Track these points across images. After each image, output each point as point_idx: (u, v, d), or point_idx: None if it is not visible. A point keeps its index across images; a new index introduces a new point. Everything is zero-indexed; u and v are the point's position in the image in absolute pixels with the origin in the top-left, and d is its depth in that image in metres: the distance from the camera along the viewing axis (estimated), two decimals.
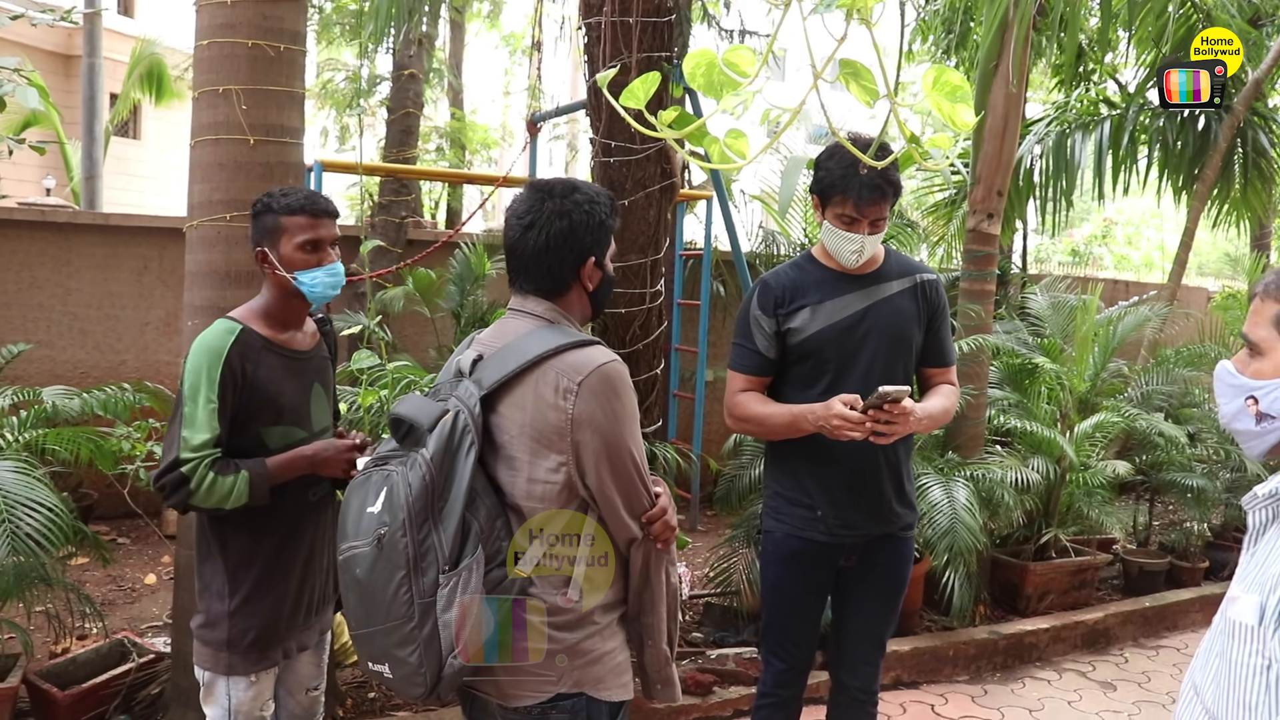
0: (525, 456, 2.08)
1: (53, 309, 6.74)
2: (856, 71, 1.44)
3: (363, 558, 2.05)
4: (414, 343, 7.40)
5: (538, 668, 2.10)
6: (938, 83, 1.49)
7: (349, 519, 2.11)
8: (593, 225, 2.18)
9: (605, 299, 2.33)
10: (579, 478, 2.08)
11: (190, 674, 3.72)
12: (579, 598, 2.11)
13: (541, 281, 2.19)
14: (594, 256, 2.21)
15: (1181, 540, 6.63)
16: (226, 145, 3.58)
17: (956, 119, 1.48)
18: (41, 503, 3.57)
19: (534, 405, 2.07)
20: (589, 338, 2.16)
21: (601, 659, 2.16)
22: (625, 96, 1.53)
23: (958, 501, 4.96)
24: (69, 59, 17.02)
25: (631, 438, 2.13)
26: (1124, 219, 23.22)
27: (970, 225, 5.69)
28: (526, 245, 2.17)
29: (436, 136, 13.46)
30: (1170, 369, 6.94)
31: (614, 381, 2.10)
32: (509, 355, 2.11)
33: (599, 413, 2.06)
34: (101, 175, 10.31)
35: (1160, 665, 5.48)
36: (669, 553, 2.25)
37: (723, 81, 1.52)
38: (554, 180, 2.24)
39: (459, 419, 2.06)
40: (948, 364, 3.24)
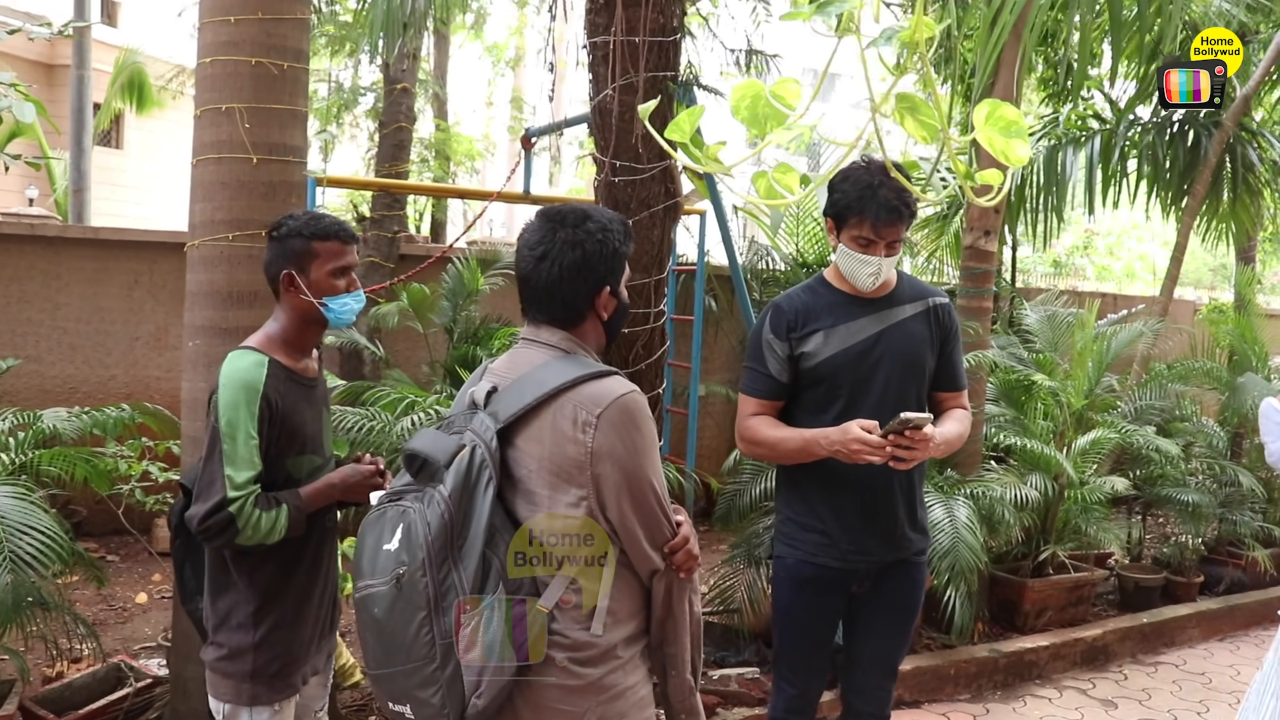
0: (545, 491, 2.05)
1: (42, 324, 6.67)
2: (914, 106, 1.42)
3: (381, 597, 2.01)
4: (406, 358, 7.36)
5: (562, 704, 2.06)
6: (990, 117, 1.47)
7: (364, 556, 2.07)
8: (607, 254, 2.15)
9: (620, 326, 2.29)
10: (599, 511, 2.05)
11: (190, 699, 3.70)
12: (602, 631, 2.07)
13: (556, 312, 2.16)
14: (609, 285, 2.17)
15: (1176, 555, 6.64)
16: (229, 164, 3.53)
17: (1011, 154, 1.46)
18: (37, 526, 3.51)
19: (552, 439, 2.03)
20: (607, 368, 2.12)
21: (624, 694, 2.12)
22: (671, 130, 1.51)
23: (959, 520, 4.95)
24: (51, 68, 16.91)
25: (652, 468, 2.10)
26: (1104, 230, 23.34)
27: (967, 242, 5.69)
28: (540, 276, 2.13)
29: (421, 148, 13.40)
30: (1163, 384, 6.96)
31: (633, 413, 2.06)
32: (525, 387, 2.08)
33: (619, 445, 2.03)
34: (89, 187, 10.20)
35: (1160, 682, 5.48)
36: (691, 582, 2.22)
37: (769, 114, 1.50)
38: (565, 208, 2.19)
39: (476, 454, 2.02)
40: (960, 388, 3.22)
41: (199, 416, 3.58)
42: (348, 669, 4.34)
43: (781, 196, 1.49)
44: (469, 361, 6.11)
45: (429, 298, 6.63)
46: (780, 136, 1.42)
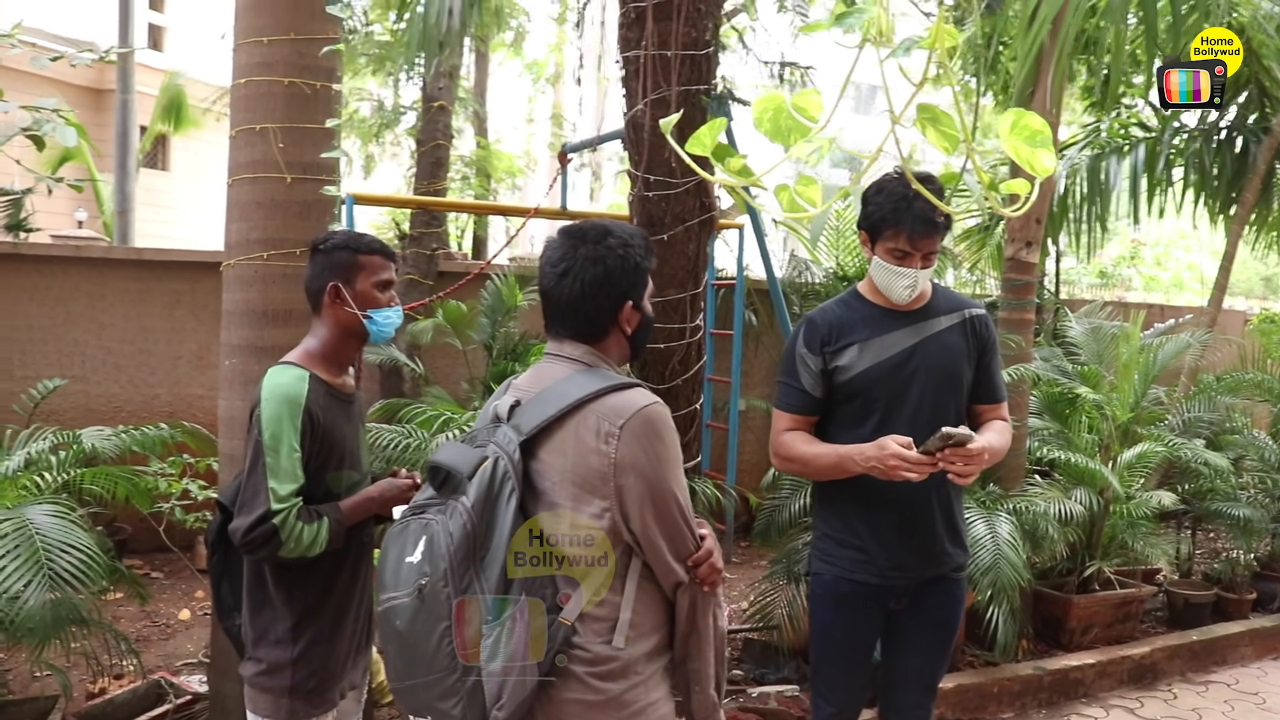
0: (568, 503, 2.04)
1: (87, 344, 6.76)
2: (935, 117, 1.39)
3: (403, 609, 2.01)
4: (445, 375, 7.37)
5: (583, 719, 2.05)
6: (1016, 127, 1.44)
7: (387, 569, 2.07)
8: (628, 269, 2.16)
9: (645, 340, 2.30)
10: (623, 522, 2.05)
11: (228, 716, 3.71)
12: (624, 644, 2.07)
13: (579, 327, 2.18)
14: (631, 300, 2.19)
15: (1228, 571, 6.50)
16: (264, 184, 3.57)
17: (1037, 164, 1.43)
18: (77, 544, 3.54)
19: (575, 450, 2.04)
20: (630, 380, 2.13)
21: (645, 710, 2.10)
22: (692, 143, 1.49)
23: (1001, 536, 4.87)
24: (100, 93, 17.18)
25: (675, 481, 2.10)
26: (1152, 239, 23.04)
27: (1008, 254, 5.62)
28: (562, 293, 2.15)
29: (462, 165, 13.49)
30: (1212, 396, 6.83)
31: (656, 424, 2.06)
32: (548, 400, 2.08)
33: (642, 456, 2.03)
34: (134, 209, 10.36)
35: (1210, 702, 5.35)
36: (715, 596, 2.20)
37: (791, 126, 1.48)
38: (586, 224, 2.21)
39: (499, 465, 2.03)
40: (999, 400, 3.17)
41: (236, 435, 3.61)
42: (385, 686, 4.33)
43: (804, 209, 1.47)
44: (508, 378, 6.11)
45: (466, 315, 6.64)
46: (800, 150, 1.40)
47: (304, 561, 2.58)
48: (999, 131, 1.46)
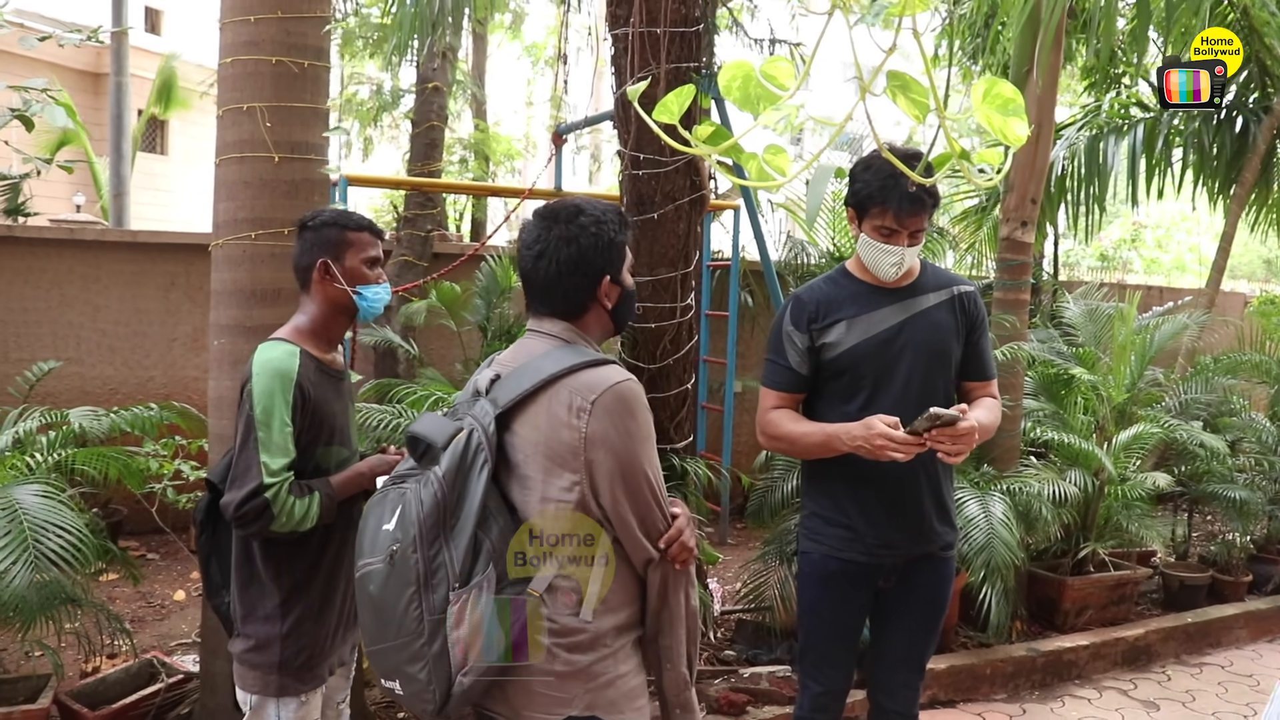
0: (539, 475, 2.07)
1: (82, 326, 6.76)
2: (905, 84, 1.38)
3: (376, 574, 2.06)
4: (440, 356, 7.37)
5: (549, 689, 2.08)
6: (988, 95, 1.42)
7: (366, 536, 2.12)
8: (602, 245, 2.17)
9: (628, 313, 2.31)
10: (592, 497, 2.07)
11: (218, 694, 3.72)
12: (591, 618, 2.09)
13: (557, 305, 2.20)
14: (608, 275, 2.20)
15: (1223, 553, 6.49)
16: (251, 163, 3.54)
17: (1009, 133, 1.41)
18: (65, 525, 3.54)
19: (548, 424, 2.07)
20: (604, 356, 2.15)
21: (614, 682, 2.13)
22: (659, 111, 1.47)
23: (994, 516, 4.86)
24: (98, 77, 17.14)
25: (646, 458, 2.11)
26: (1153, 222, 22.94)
27: (1003, 233, 5.60)
28: (539, 274, 2.18)
29: (460, 148, 13.44)
30: (1209, 377, 6.81)
31: (628, 400, 2.09)
32: (524, 375, 2.11)
33: (612, 432, 2.05)
34: (129, 192, 10.35)
35: (1204, 684, 5.35)
36: (688, 574, 2.22)
37: (760, 95, 1.46)
38: (559, 205, 2.23)
39: (472, 437, 2.06)
40: (988, 377, 3.15)
41: (225, 415, 3.61)
42: None
43: (773, 179, 1.45)
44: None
45: (460, 296, 6.63)
46: (768, 117, 1.38)
47: (293, 537, 2.58)
48: (974, 101, 1.45)
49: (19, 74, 5.48)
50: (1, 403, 5.42)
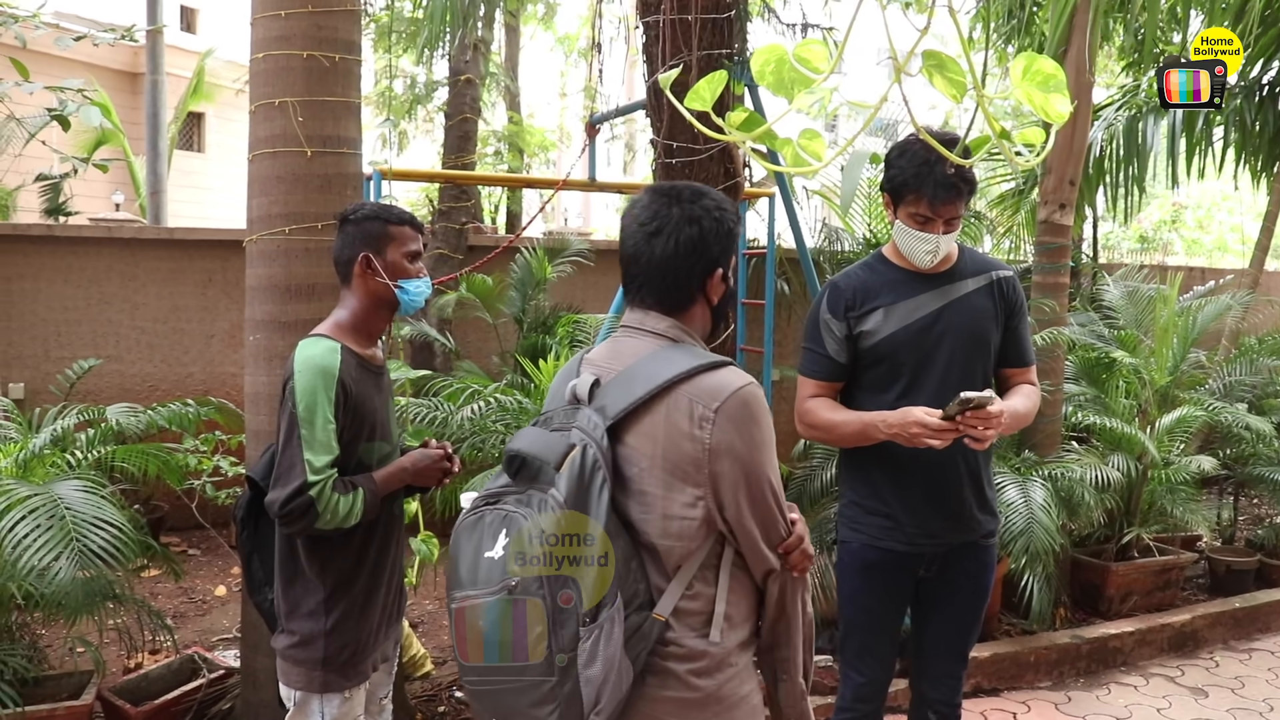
0: (659, 491, 1.91)
1: (121, 324, 6.83)
2: (941, 64, 1.34)
3: (488, 609, 1.87)
4: (477, 349, 7.39)
5: (677, 718, 1.94)
6: (1028, 72, 1.39)
7: (462, 565, 1.92)
8: (722, 233, 2.03)
9: (726, 313, 2.15)
10: (717, 511, 1.92)
11: (260, 690, 3.74)
12: (720, 638, 1.95)
13: (666, 294, 2.02)
14: (721, 268, 2.05)
15: (1271, 537, 6.38)
16: (284, 158, 3.54)
17: (1050, 110, 1.38)
18: (108, 520, 3.57)
19: (666, 435, 1.90)
20: (721, 358, 1.98)
21: (740, 703, 1.99)
22: (690, 98, 1.45)
23: (1034, 502, 4.81)
24: (135, 76, 17.28)
25: (770, 465, 1.96)
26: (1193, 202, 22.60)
27: (1042, 216, 5.53)
28: (653, 254, 2.00)
29: (494, 140, 13.46)
30: (1254, 359, 6.69)
31: (753, 407, 1.93)
32: (634, 381, 1.94)
33: (738, 441, 1.90)
34: (166, 190, 10.44)
35: (1254, 670, 5.27)
36: (804, 582, 2.08)
37: (794, 79, 1.43)
38: (680, 184, 2.07)
39: (588, 454, 1.87)
40: (1027, 363, 3.11)
41: (262, 410, 3.62)
42: (418, 659, 4.35)
43: (807, 164, 1.42)
44: (538, 351, 6.10)
45: (494, 288, 6.64)
46: (802, 101, 1.36)
47: (337, 533, 2.58)
48: (1013, 79, 1.41)
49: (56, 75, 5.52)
50: (43, 401, 5.49)
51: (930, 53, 1.35)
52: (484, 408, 4.37)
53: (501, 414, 4.30)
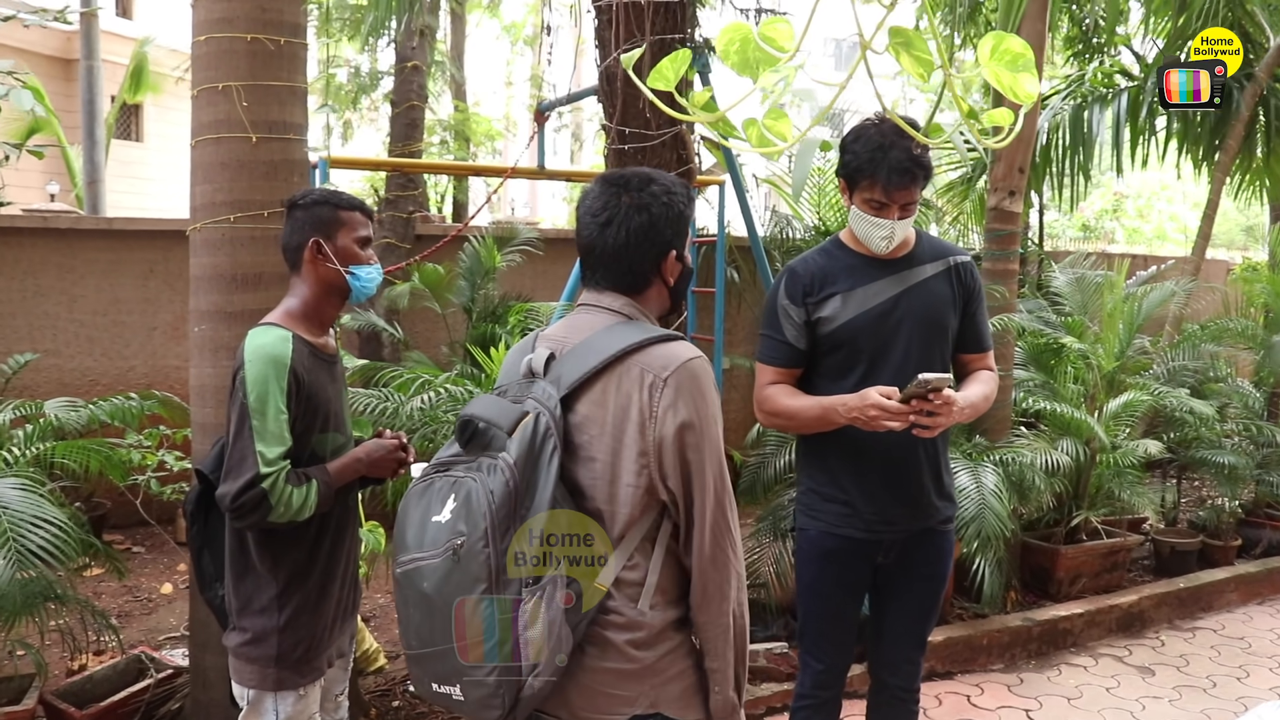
0: (607, 458, 1.97)
1: (58, 317, 6.65)
2: (909, 41, 1.32)
3: (431, 570, 1.91)
4: (426, 339, 7.30)
5: (614, 689, 1.98)
6: (996, 51, 1.37)
7: (409, 530, 1.97)
8: (672, 217, 2.08)
9: (684, 291, 2.21)
10: (660, 479, 1.96)
11: (210, 689, 3.66)
12: (648, 610, 1.98)
13: (621, 279, 2.09)
14: (675, 249, 2.10)
15: (1213, 518, 6.50)
16: (228, 144, 3.46)
17: (1019, 90, 1.36)
18: (47, 518, 3.47)
19: (617, 402, 1.96)
20: (671, 333, 2.04)
21: (679, 676, 2.04)
22: (654, 78, 1.42)
23: (985, 487, 4.85)
24: (68, 63, 16.87)
25: (718, 435, 2.02)
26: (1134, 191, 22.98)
27: (991, 204, 5.57)
28: (605, 243, 2.06)
29: (440, 129, 13.33)
30: (1196, 344, 6.80)
31: (701, 379, 1.99)
32: (587, 353, 2.00)
33: (685, 409, 1.95)
34: (104, 179, 10.20)
35: (1198, 648, 5.36)
36: (740, 578, 2.07)
37: (759, 58, 1.40)
38: (628, 172, 2.12)
39: (540, 421, 1.94)
40: (985, 349, 3.11)
41: (208, 403, 3.54)
42: (371, 654, 4.29)
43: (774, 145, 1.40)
44: (488, 340, 6.04)
45: (444, 278, 6.57)
46: (767, 80, 1.33)
47: (290, 527, 2.53)
48: (979, 58, 1.39)
49: None
50: None
51: (897, 29, 1.33)
52: (435, 398, 4.31)
53: (453, 404, 4.24)
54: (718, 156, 6.48)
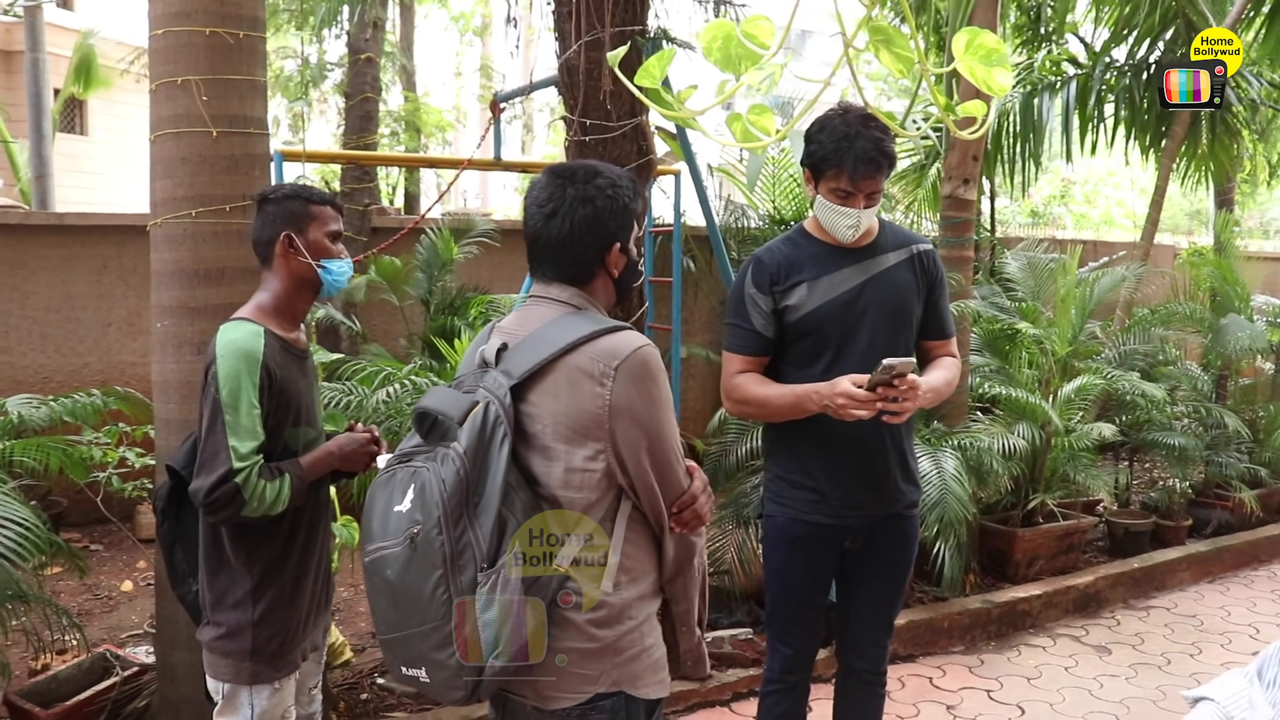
0: (561, 446, 2.01)
1: (10, 313, 6.55)
2: (889, 38, 1.35)
3: (394, 558, 1.97)
4: (384, 332, 7.27)
5: (576, 668, 2.04)
6: (970, 46, 1.41)
7: (374, 519, 2.03)
8: (617, 210, 2.12)
9: (630, 284, 2.26)
10: (617, 465, 2.02)
11: (178, 685, 3.64)
12: (612, 589, 2.04)
13: (566, 270, 2.13)
14: (619, 242, 2.14)
15: (1165, 499, 6.64)
16: (188, 138, 3.42)
17: (993, 83, 1.40)
18: (11, 518, 3.43)
19: (568, 393, 2.00)
20: (620, 323, 2.09)
21: (640, 656, 2.09)
22: (641, 75, 1.44)
23: (946, 472, 4.92)
24: (9, 55, 16.58)
25: (669, 423, 2.08)
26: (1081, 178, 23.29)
27: (946, 191, 5.64)
28: (550, 234, 2.10)
29: (391, 121, 13.24)
30: (1146, 328, 6.94)
31: (650, 366, 2.04)
32: (538, 344, 2.05)
33: (637, 399, 2.01)
34: (52, 174, 10.03)
35: (1152, 626, 5.49)
36: (699, 537, 2.20)
37: (741, 54, 1.43)
38: (575, 165, 2.17)
39: (490, 410, 1.98)
40: (948, 335, 3.17)
41: (171, 399, 3.51)
42: (337, 647, 4.28)
43: (758, 139, 1.42)
44: (447, 332, 6.04)
45: (401, 270, 6.54)
46: (752, 77, 1.35)
47: (263, 521, 2.53)
48: (954, 53, 1.43)
49: None
50: None
51: (878, 27, 1.36)
52: (399, 390, 4.31)
53: (417, 396, 4.24)
54: (673, 146, 6.50)
